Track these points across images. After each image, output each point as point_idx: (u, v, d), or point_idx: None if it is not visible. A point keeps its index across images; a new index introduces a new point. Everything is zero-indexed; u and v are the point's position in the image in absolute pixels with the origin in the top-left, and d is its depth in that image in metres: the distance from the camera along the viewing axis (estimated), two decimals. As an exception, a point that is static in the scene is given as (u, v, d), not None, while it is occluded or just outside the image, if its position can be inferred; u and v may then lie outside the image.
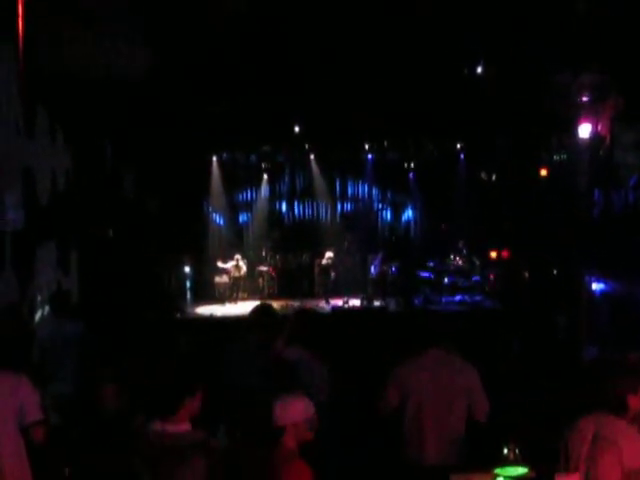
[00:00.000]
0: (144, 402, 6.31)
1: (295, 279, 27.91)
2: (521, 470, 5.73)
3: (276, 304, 23.27)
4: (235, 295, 26.36)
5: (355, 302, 24.95)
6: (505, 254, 26.22)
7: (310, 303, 23.89)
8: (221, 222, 30.05)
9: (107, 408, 7.24)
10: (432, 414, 7.35)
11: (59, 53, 14.90)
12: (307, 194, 30.60)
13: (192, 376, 5.83)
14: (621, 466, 5.47)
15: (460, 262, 27.08)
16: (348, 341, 12.08)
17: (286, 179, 30.54)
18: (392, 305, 23.88)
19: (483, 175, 28.69)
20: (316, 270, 26.87)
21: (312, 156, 29.26)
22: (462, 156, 28.90)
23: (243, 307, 24.94)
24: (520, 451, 5.79)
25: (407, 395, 7.47)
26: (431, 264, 27.23)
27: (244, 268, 26.56)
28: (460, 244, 27.45)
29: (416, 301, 24.40)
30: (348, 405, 8.60)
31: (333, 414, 8.48)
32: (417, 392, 7.42)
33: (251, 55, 18.49)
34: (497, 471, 5.78)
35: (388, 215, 31.31)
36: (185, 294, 26.32)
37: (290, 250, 28.88)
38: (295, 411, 5.96)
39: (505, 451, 5.77)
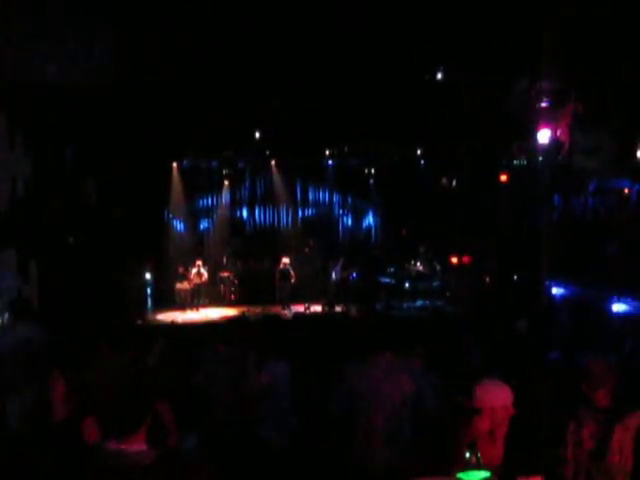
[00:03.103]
0: (101, 418, 6.19)
1: (256, 285, 27.77)
2: (483, 474, 5.73)
3: (237, 311, 23.31)
4: (196, 302, 26.22)
5: (317, 308, 24.92)
6: (466, 259, 26.33)
7: (271, 309, 23.87)
8: (182, 228, 29.94)
9: (55, 414, 7.16)
10: (380, 417, 7.38)
11: (18, 60, 14.80)
12: (268, 200, 30.59)
13: (155, 393, 5.68)
14: None
15: (421, 267, 27.15)
16: (310, 346, 12.06)
17: (247, 185, 30.50)
18: (353, 311, 23.85)
19: (444, 181, 28.81)
20: (277, 276, 26.78)
21: (273, 162, 29.26)
22: (422, 162, 29.01)
23: (204, 314, 24.87)
24: (482, 455, 5.80)
25: (355, 398, 7.51)
26: (392, 269, 27.29)
27: (205, 275, 26.44)
28: (421, 249, 27.53)
29: (377, 306, 24.39)
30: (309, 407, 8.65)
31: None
32: (365, 395, 7.47)
33: (212, 61, 18.47)
34: (459, 475, 5.77)
35: (349, 221, 31.35)
36: (145, 301, 26.15)
37: (251, 256, 28.76)
38: (494, 396, 6.07)
39: (467, 455, 5.77)
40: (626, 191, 19.63)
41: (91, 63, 15.73)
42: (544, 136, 18.92)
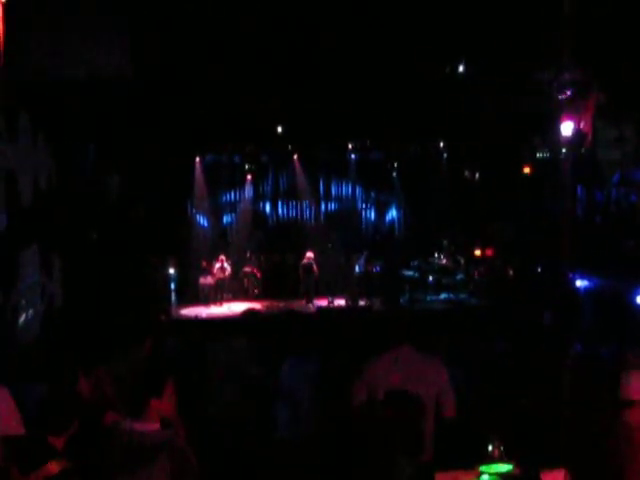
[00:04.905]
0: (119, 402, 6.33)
1: (280, 280, 27.82)
2: (506, 467, 5.71)
3: (260, 305, 23.33)
4: (220, 296, 26.26)
5: (340, 302, 24.91)
6: (489, 252, 26.27)
7: (295, 304, 23.88)
8: (205, 223, 30.01)
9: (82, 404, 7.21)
10: None
11: (39, 55, 14.84)
12: (291, 194, 30.61)
13: (159, 377, 5.84)
14: None
15: (444, 261, 27.12)
16: (334, 340, 12.06)
17: (270, 180, 30.53)
18: (377, 304, 23.85)
19: (466, 173, 28.74)
20: (300, 270, 26.79)
21: (295, 156, 29.27)
22: (445, 155, 28.96)
23: (228, 308, 24.92)
24: (505, 448, 5.78)
25: (375, 391, 7.47)
26: (415, 263, 27.26)
27: (228, 269, 26.49)
28: (444, 243, 27.50)
29: (401, 300, 24.39)
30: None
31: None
32: (385, 389, 7.42)
33: (235, 56, 18.47)
34: (482, 468, 5.76)
35: (372, 214, 31.34)
36: (169, 296, 26.20)
37: (274, 251, 28.82)
38: None
39: (490, 448, 5.75)
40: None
41: (113, 59, 15.74)
42: (567, 128, 18.79)
